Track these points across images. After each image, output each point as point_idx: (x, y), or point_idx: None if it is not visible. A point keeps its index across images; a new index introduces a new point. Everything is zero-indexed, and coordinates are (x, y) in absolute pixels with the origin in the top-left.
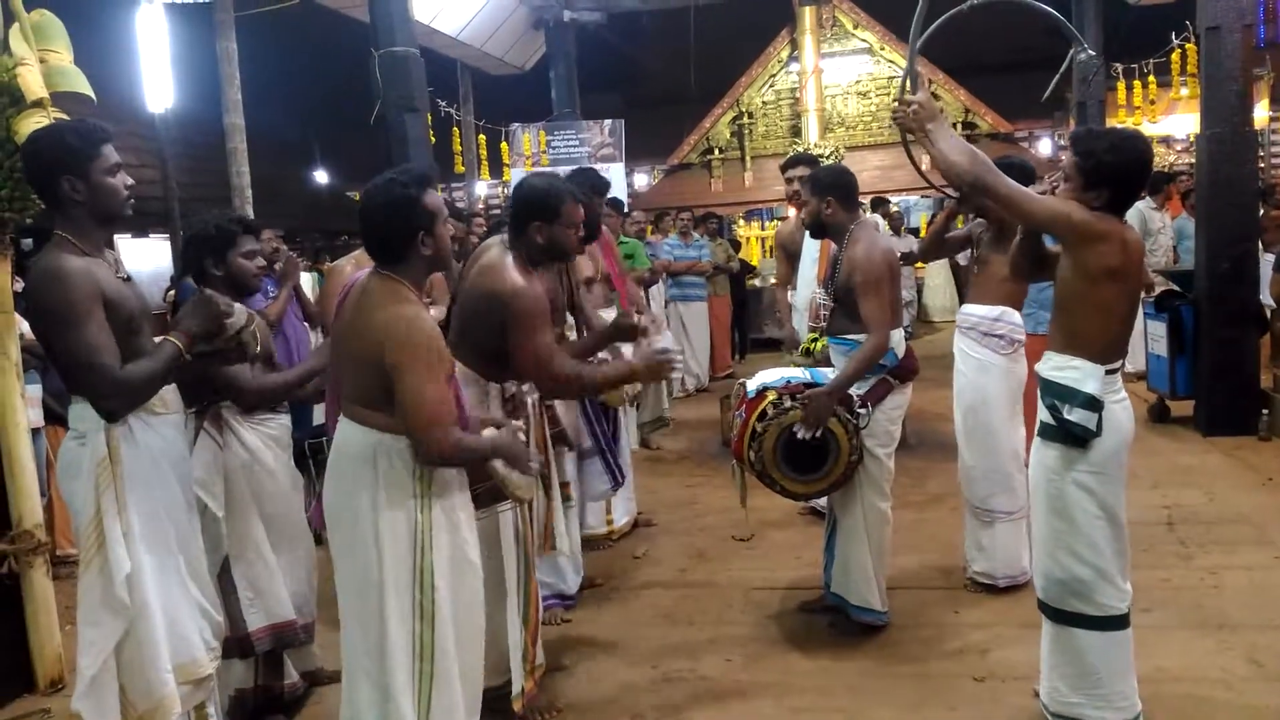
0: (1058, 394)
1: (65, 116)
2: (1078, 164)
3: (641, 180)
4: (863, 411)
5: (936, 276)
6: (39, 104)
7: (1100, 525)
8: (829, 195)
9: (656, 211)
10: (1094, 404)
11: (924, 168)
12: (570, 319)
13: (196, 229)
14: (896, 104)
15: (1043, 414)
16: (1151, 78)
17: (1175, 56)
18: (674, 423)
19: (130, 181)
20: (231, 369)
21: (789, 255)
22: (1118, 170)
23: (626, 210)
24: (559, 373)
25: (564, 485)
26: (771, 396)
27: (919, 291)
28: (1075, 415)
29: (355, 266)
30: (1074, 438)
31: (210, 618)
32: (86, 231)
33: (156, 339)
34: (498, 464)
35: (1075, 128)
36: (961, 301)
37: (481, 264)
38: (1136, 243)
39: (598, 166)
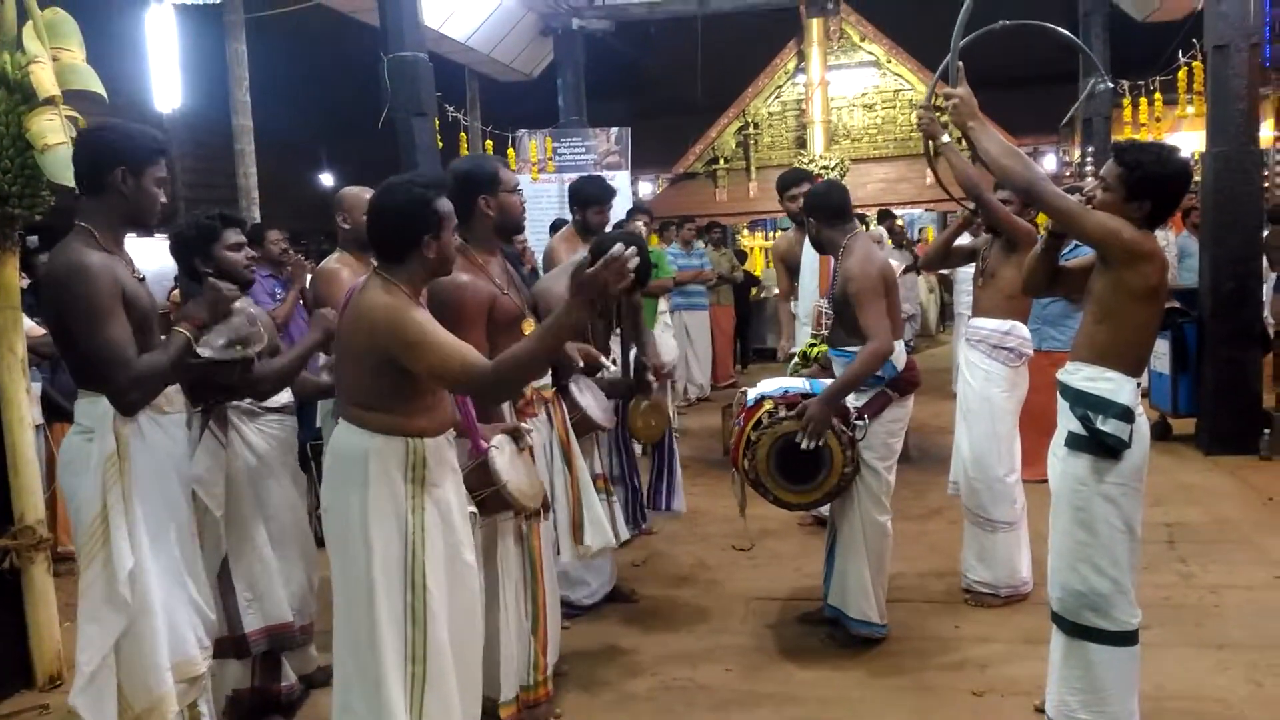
0: (1091, 405)
1: (76, 115)
2: (1122, 175)
3: (646, 189)
4: (860, 424)
5: (928, 290)
6: (51, 102)
7: (1122, 539)
8: (811, 216)
9: (661, 221)
10: (1128, 415)
11: (938, 179)
12: (614, 351)
13: (177, 230)
14: (921, 110)
15: (1071, 425)
16: (1158, 95)
17: (1182, 74)
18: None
19: (164, 199)
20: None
21: (789, 269)
22: (1163, 182)
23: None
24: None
25: (597, 478)
26: (768, 406)
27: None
28: (1109, 426)
29: (351, 273)
30: (1106, 449)
31: (204, 615)
32: (111, 227)
33: (163, 337)
34: (501, 472)
35: (1119, 141)
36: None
37: None
38: (1166, 260)
39: (603, 174)
